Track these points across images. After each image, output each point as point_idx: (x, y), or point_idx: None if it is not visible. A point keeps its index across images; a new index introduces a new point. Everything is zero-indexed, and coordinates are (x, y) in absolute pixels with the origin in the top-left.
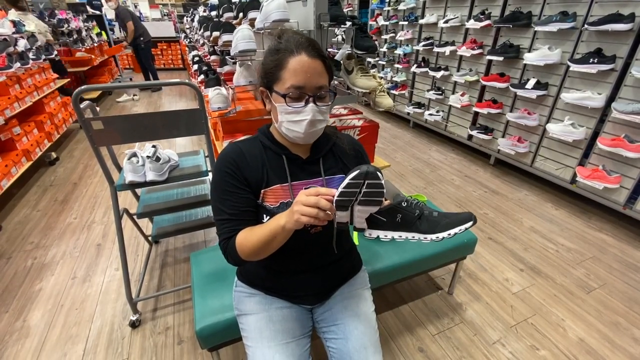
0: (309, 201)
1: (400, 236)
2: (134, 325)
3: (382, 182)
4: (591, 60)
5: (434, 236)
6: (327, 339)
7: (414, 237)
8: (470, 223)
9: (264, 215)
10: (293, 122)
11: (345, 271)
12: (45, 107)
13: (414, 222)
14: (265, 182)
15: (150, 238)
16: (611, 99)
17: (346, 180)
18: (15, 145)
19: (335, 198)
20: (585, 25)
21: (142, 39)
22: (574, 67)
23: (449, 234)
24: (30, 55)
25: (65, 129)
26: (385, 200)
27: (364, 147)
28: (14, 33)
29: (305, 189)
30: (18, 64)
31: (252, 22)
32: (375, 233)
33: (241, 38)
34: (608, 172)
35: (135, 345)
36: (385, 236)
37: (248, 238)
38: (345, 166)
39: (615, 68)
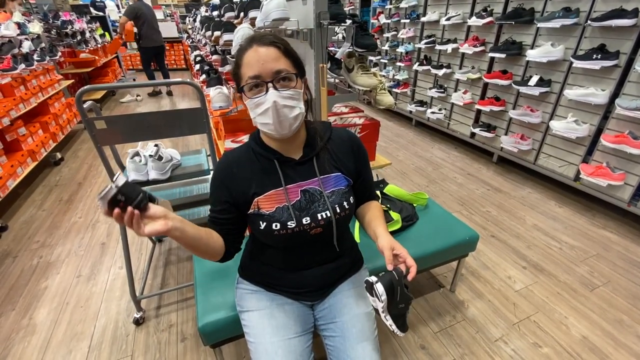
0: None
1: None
2: (137, 322)
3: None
4: (594, 56)
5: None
6: (325, 337)
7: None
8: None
9: (261, 223)
10: (261, 114)
11: (346, 267)
12: (50, 108)
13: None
14: (256, 190)
15: (153, 236)
16: (615, 95)
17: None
18: (20, 145)
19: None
20: (589, 21)
21: (140, 42)
22: (577, 64)
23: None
24: (35, 56)
25: (70, 129)
26: None
27: (366, 146)
28: (18, 35)
29: (301, 191)
30: (23, 65)
31: (252, 22)
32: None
33: (241, 37)
34: (612, 169)
35: (139, 342)
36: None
37: None
38: (341, 162)
39: (619, 64)
